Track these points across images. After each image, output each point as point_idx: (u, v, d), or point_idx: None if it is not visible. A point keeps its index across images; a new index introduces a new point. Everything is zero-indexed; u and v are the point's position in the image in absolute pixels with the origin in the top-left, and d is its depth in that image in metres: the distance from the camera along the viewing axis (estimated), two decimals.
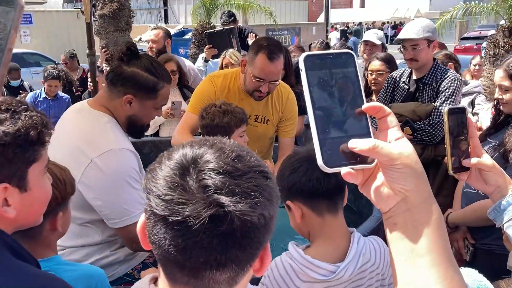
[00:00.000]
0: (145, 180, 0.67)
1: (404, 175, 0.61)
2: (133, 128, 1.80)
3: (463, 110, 1.11)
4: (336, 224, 1.39)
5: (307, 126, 3.72)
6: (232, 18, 5.01)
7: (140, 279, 0.94)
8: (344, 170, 0.63)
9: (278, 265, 1.37)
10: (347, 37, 19.25)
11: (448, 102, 2.63)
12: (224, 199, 0.61)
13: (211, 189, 0.62)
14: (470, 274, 1.10)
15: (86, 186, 1.62)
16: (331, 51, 0.67)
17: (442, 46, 4.36)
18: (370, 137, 0.63)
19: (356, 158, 0.63)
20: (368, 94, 3.46)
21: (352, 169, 0.63)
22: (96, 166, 1.61)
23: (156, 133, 3.78)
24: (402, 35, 2.75)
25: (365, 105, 0.63)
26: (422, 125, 2.66)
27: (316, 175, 1.33)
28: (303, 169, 1.35)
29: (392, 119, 0.64)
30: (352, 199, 2.93)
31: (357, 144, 0.61)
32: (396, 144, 0.62)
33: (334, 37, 21.90)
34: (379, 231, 2.08)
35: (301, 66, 0.64)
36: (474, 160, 1.10)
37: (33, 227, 1.25)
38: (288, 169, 1.39)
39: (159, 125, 3.73)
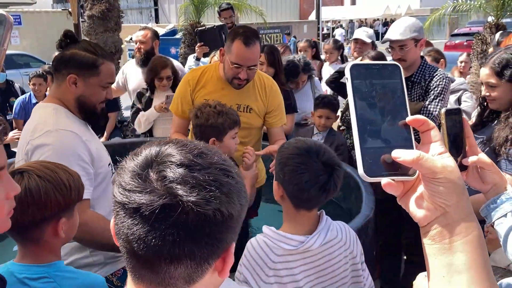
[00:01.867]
0: (115, 175, 0.69)
1: (446, 190, 0.61)
2: (84, 109, 1.84)
3: (459, 111, 1.12)
4: (309, 215, 1.48)
5: (298, 125, 3.73)
6: (230, 6, 4.97)
7: (119, 286, 0.94)
8: (384, 181, 0.63)
9: (253, 244, 1.46)
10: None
11: (437, 100, 2.65)
12: (178, 190, 0.62)
13: (167, 180, 0.63)
14: None
15: None
16: (378, 62, 0.68)
17: (428, 44, 4.39)
18: (412, 147, 0.64)
19: (397, 170, 0.63)
20: None
21: (393, 180, 0.63)
22: (33, 147, 1.65)
23: (150, 133, 3.76)
24: (388, 36, 2.76)
25: (409, 118, 0.64)
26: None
27: (312, 191, 1.39)
28: (303, 179, 1.38)
29: (435, 133, 0.64)
30: (341, 197, 2.95)
31: (401, 154, 0.61)
32: (439, 158, 0.62)
33: (338, 34, 21.97)
34: (367, 228, 2.10)
35: (347, 75, 0.65)
36: (474, 157, 1.11)
37: (34, 231, 1.25)
38: (290, 164, 1.42)
39: (153, 125, 3.71)
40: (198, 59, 4.44)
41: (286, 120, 3.43)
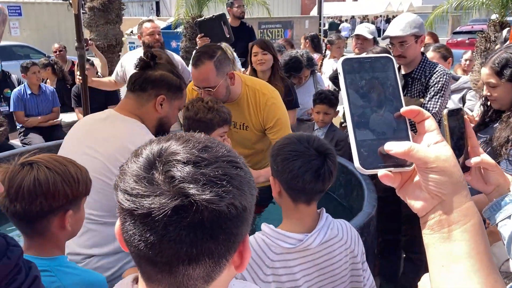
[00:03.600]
0: (116, 178, 0.66)
1: (441, 179, 0.61)
2: (161, 131, 1.85)
3: (460, 111, 1.11)
4: (309, 211, 1.45)
5: (300, 120, 3.72)
6: None
7: None
8: (381, 172, 0.63)
9: (251, 242, 1.43)
10: (339, 30, 19.29)
11: (437, 97, 2.63)
12: (189, 189, 0.60)
13: (176, 180, 0.60)
14: None
15: None
16: (370, 55, 0.68)
17: (435, 37, 4.35)
18: (409, 140, 0.64)
19: (394, 161, 0.63)
20: None
21: (390, 171, 0.63)
22: None
23: None
24: (389, 32, 2.74)
25: (404, 109, 0.64)
26: (411, 121, 2.67)
27: (306, 177, 1.36)
28: (295, 165, 1.36)
29: (431, 123, 0.64)
30: (343, 194, 2.93)
31: (392, 147, 0.61)
32: (434, 147, 0.62)
33: (345, 28, 21.92)
34: (369, 226, 2.09)
35: (339, 69, 0.65)
36: (477, 158, 1.09)
37: (41, 222, 1.27)
38: (282, 153, 1.40)
39: None
40: None
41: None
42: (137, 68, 1.86)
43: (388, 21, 28.60)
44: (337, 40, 5.07)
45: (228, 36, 4.05)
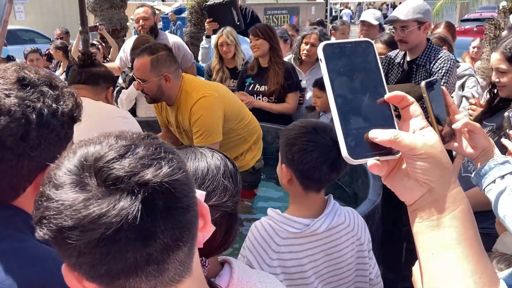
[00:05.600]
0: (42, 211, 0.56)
1: (429, 165, 0.59)
2: None
3: (437, 81, 1.14)
4: (317, 198, 1.46)
5: (308, 108, 3.69)
6: None
7: None
8: (370, 162, 0.61)
9: (257, 226, 1.44)
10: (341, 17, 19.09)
11: (442, 82, 2.60)
12: (145, 175, 0.55)
13: (124, 177, 0.55)
14: None
15: None
16: (350, 39, 0.65)
17: (451, 30, 4.24)
18: (394, 127, 0.62)
19: (381, 149, 0.61)
20: None
21: (378, 160, 0.61)
22: None
23: (134, 113, 3.65)
24: (391, 16, 2.71)
25: (388, 95, 0.62)
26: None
27: (323, 168, 1.36)
28: (313, 156, 1.36)
29: (415, 108, 0.62)
30: (347, 181, 2.92)
31: (377, 135, 0.60)
32: (419, 133, 0.60)
33: (345, 14, 21.74)
34: (374, 215, 2.08)
35: (320, 55, 0.62)
36: (463, 120, 1.12)
37: None
38: (299, 143, 1.39)
39: (136, 105, 3.67)
40: (208, 36, 4.33)
41: (288, 99, 3.43)
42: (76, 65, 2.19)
43: (395, 7, 28.24)
44: (341, 26, 5.00)
45: (238, 23, 3.98)
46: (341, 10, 27.80)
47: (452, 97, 2.79)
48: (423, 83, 1.09)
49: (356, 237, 1.50)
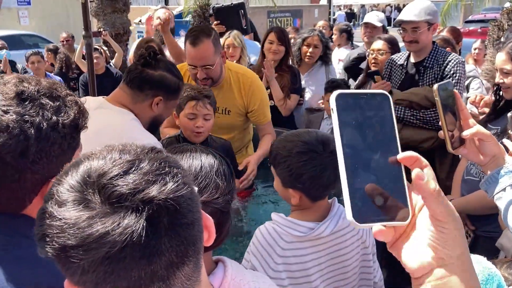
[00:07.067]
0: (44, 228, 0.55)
1: (452, 239, 0.55)
2: (153, 127, 1.87)
3: (450, 85, 1.11)
4: (323, 204, 1.46)
5: (309, 110, 3.68)
6: None
7: None
8: (375, 228, 0.57)
9: (262, 230, 1.44)
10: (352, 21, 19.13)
11: (457, 88, 2.58)
12: (151, 191, 0.54)
13: (127, 194, 0.54)
14: (480, 261, 1.09)
15: None
16: (365, 91, 0.62)
17: (455, 34, 4.23)
18: (404, 189, 0.58)
19: (389, 214, 0.57)
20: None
21: (384, 226, 0.57)
22: None
23: None
24: (402, 16, 2.69)
25: (401, 155, 0.58)
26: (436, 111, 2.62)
27: (325, 173, 1.36)
28: (324, 180, 1.36)
29: (429, 172, 0.57)
30: None
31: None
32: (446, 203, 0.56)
33: (339, 16, 21.79)
34: None
35: (332, 105, 0.59)
36: (472, 129, 1.09)
37: None
38: (307, 172, 1.37)
39: None
40: None
41: (290, 98, 3.42)
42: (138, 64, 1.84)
43: (399, 10, 28.20)
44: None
45: (245, 27, 3.96)
46: (334, 13, 27.80)
47: None
48: (435, 86, 1.07)
49: (361, 241, 1.49)
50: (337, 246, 1.44)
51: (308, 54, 3.62)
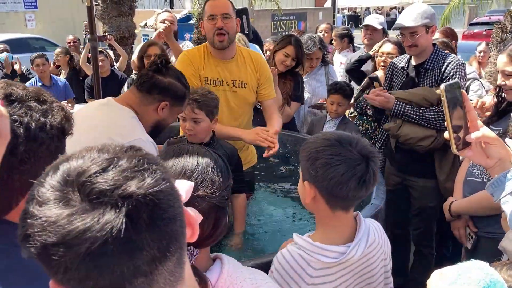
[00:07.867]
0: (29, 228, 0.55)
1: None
2: (156, 131, 1.96)
3: (458, 85, 1.09)
4: (346, 217, 1.35)
5: (311, 111, 3.70)
6: None
7: None
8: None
9: (286, 257, 1.31)
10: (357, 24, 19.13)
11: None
12: (129, 188, 0.55)
13: (106, 191, 0.54)
14: (481, 267, 1.07)
15: None
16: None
17: (447, 33, 4.24)
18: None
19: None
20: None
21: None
22: None
23: None
24: (400, 22, 2.70)
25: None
26: (436, 110, 2.63)
27: (350, 184, 1.24)
28: (339, 171, 1.24)
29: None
30: None
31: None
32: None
33: (338, 18, 21.88)
34: (377, 219, 2.08)
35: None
36: (478, 133, 1.08)
37: None
38: (322, 157, 1.26)
39: None
40: None
41: (291, 105, 3.43)
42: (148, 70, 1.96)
43: None
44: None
45: (247, 32, 4.01)
46: (350, 16, 27.83)
47: None
48: (442, 86, 1.06)
49: (384, 254, 1.43)
50: (365, 264, 1.37)
51: (311, 65, 3.77)
